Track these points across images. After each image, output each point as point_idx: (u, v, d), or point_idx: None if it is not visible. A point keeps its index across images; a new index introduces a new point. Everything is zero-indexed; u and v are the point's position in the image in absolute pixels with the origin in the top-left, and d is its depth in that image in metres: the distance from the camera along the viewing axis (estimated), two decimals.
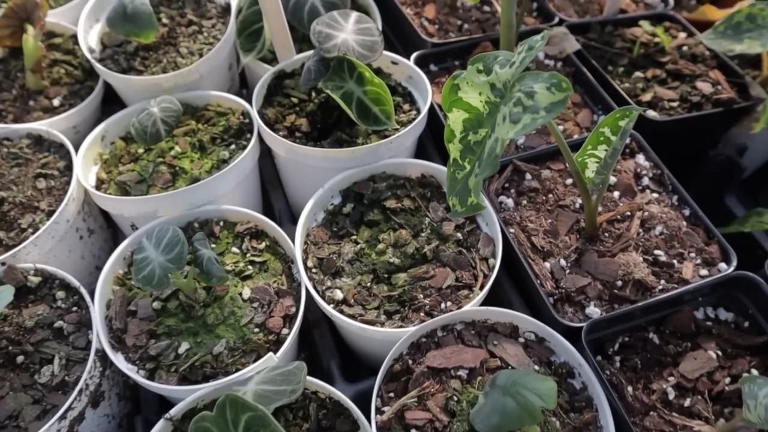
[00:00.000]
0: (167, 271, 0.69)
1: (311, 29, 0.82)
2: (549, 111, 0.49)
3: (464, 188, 0.63)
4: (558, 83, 0.49)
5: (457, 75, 0.61)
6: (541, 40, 0.53)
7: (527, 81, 0.52)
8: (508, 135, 0.51)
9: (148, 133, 0.82)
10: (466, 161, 0.64)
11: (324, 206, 0.84)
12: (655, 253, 0.78)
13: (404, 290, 0.76)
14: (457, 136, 0.64)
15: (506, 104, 0.54)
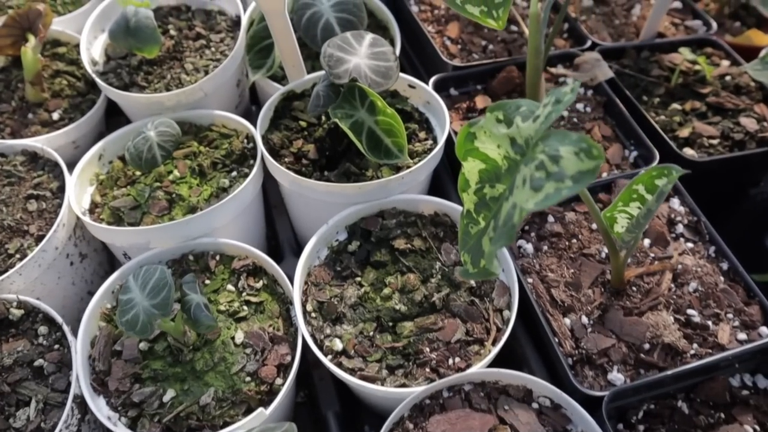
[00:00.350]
0: (152, 317, 0.63)
1: (322, 52, 0.76)
2: (576, 181, 0.42)
3: (477, 247, 0.56)
4: (588, 149, 0.42)
5: (474, 123, 0.54)
6: (570, 93, 0.47)
7: (552, 141, 0.45)
8: (527, 204, 0.45)
9: (144, 159, 0.77)
10: (480, 216, 0.57)
11: (328, 243, 0.78)
12: (687, 313, 0.71)
13: (409, 342, 0.70)
14: (472, 186, 0.58)
15: (527, 164, 0.47)
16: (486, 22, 0.74)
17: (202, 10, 1.01)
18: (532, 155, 0.47)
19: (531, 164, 0.47)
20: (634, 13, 1.08)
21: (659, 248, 0.77)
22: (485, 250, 0.54)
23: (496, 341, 0.70)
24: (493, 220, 0.54)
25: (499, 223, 0.51)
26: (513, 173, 0.52)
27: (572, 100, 0.47)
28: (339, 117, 0.75)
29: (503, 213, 0.50)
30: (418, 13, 1.06)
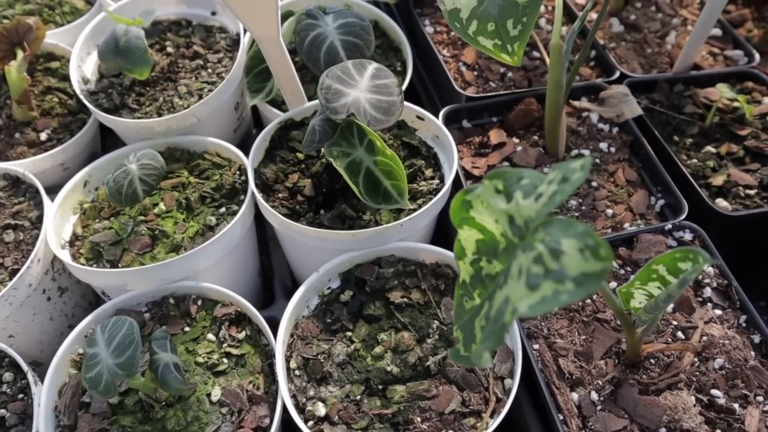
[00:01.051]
0: (115, 377, 0.58)
1: (319, 82, 0.69)
2: (579, 285, 0.35)
3: (470, 327, 0.49)
4: (595, 247, 0.35)
5: (470, 190, 0.47)
6: (579, 171, 0.39)
7: (554, 230, 0.38)
8: (521, 304, 0.38)
9: (123, 194, 0.71)
10: (476, 293, 0.50)
11: (319, 290, 0.72)
12: (711, 393, 0.64)
13: (399, 409, 0.63)
14: (468, 256, 0.51)
15: (525, 251, 0.40)
16: (500, 57, 0.67)
17: (203, 26, 0.95)
18: (531, 242, 0.40)
19: (529, 253, 0.40)
20: (669, 41, 1.00)
21: (683, 315, 0.69)
22: (477, 336, 0.48)
23: (495, 413, 0.63)
24: (488, 302, 0.47)
25: (491, 314, 0.44)
26: (510, 255, 0.45)
27: (582, 180, 0.40)
28: (334, 156, 0.69)
29: (496, 303, 0.44)
30: (433, 34, 0.99)
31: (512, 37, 0.66)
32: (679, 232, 0.75)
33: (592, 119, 0.88)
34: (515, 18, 0.65)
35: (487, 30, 0.67)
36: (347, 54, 0.83)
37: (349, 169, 0.69)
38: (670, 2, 1.06)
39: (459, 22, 0.68)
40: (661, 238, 0.74)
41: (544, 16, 1.02)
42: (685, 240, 0.75)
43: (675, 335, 0.67)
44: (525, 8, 0.65)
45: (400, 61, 0.95)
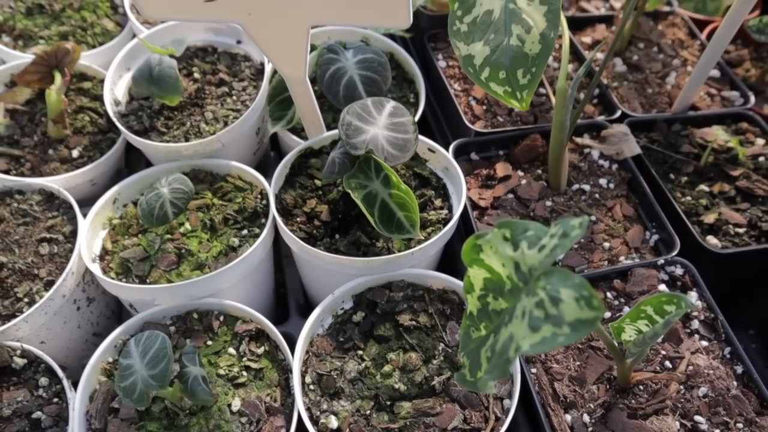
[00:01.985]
0: (149, 388, 0.63)
1: (341, 118, 0.75)
2: (574, 329, 0.41)
3: (476, 356, 0.55)
4: (589, 298, 0.41)
5: (481, 235, 0.53)
6: (578, 229, 0.45)
7: (554, 280, 0.44)
8: (523, 343, 0.43)
9: (155, 216, 0.77)
10: (482, 325, 0.56)
11: (333, 311, 0.78)
12: (695, 420, 0.69)
13: (406, 424, 0.68)
14: (476, 291, 0.56)
15: (528, 296, 0.46)
16: (509, 102, 0.73)
17: (228, 54, 1.00)
18: (533, 288, 0.46)
19: (532, 298, 0.45)
20: (669, 82, 1.05)
21: (671, 345, 0.74)
22: (482, 365, 0.53)
23: (494, 431, 0.68)
24: (494, 335, 0.52)
25: (496, 348, 0.50)
26: (515, 297, 0.50)
27: (580, 236, 0.45)
28: (352, 187, 0.74)
29: (501, 339, 0.49)
30: (445, 68, 1.05)
31: (521, 86, 0.72)
32: (671, 267, 0.80)
33: (593, 156, 0.93)
34: (525, 68, 0.71)
35: (498, 77, 0.72)
36: (365, 88, 0.89)
37: (365, 201, 0.74)
38: (671, 43, 1.12)
39: (472, 68, 0.74)
40: (654, 273, 0.79)
41: (553, 54, 1.08)
42: (677, 275, 0.80)
43: (663, 364, 0.73)
44: (534, 60, 0.70)
45: (414, 92, 1.00)
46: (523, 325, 0.44)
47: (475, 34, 0.71)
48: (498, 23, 0.69)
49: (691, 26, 1.14)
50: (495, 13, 0.70)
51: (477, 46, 0.70)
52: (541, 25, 0.68)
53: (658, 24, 1.14)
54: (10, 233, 0.83)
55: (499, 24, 0.69)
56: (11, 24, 1.08)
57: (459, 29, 0.72)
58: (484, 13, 0.70)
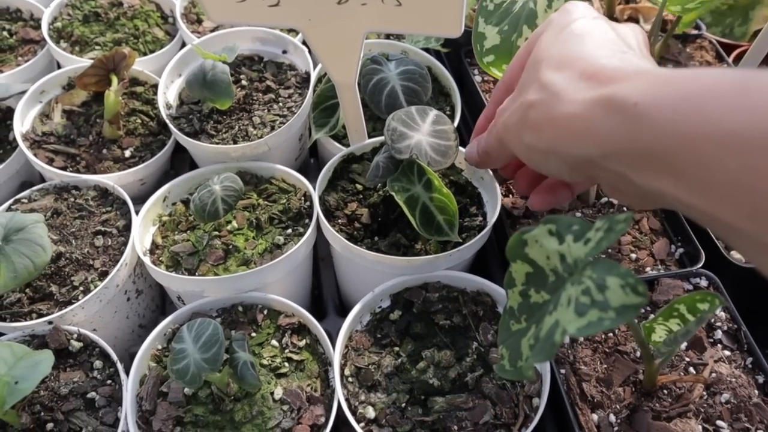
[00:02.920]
0: (201, 371, 0.67)
1: (386, 124, 0.79)
2: (620, 314, 0.44)
3: (516, 346, 0.58)
4: (635, 285, 0.44)
5: (526, 231, 0.57)
6: (623, 223, 0.48)
7: (601, 269, 0.47)
8: (570, 327, 0.47)
9: (207, 212, 0.81)
10: (523, 318, 0.59)
11: (371, 309, 0.82)
12: (717, 424, 0.72)
13: (439, 417, 0.72)
14: (518, 286, 0.60)
15: (574, 285, 0.49)
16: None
17: (274, 63, 1.06)
18: (579, 277, 0.49)
19: (578, 286, 0.49)
20: None
21: (695, 353, 0.78)
22: (523, 353, 0.56)
23: (523, 427, 0.71)
24: (535, 326, 0.56)
25: (540, 334, 0.53)
26: (559, 288, 0.54)
27: (625, 231, 0.49)
28: (396, 190, 0.79)
29: (545, 326, 0.52)
30: (480, 83, 1.09)
31: None
32: (696, 279, 0.84)
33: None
34: None
35: (501, 67, 0.77)
36: (406, 98, 0.93)
37: (408, 203, 0.78)
38: (699, 65, 1.15)
39: (480, 45, 0.81)
40: (680, 283, 0.83)
41: None
42: (701, 286, 0.83)
43: (687, 370, 0.76)
44: None
45: (449, 105, 1.05)
46: (569, 311, 0.48)
47: (495, 18, 0.76)
48: (514, 18, 0.74)
49: (719, 49, 1.17)
50: (517, 5, 0.74)
51: (492, 30, 0.75)
52: None
53: (687, 46, 1.18)
54: (67, 226, 0.88)
55: (515, 18, 0.74)
56: (69, 30, 1.14)
57: (486, 6, 0.76)
58: (510, 2, 0.75)
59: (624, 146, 0.47)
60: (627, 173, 0.49)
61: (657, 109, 0.43)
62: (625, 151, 0.47)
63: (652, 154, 0.45)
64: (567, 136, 0.52)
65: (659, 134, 0.43)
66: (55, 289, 0.83)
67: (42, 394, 0.75)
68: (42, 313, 0.80)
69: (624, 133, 0.46)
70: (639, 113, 0.44)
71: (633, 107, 0.45)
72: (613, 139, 0.48)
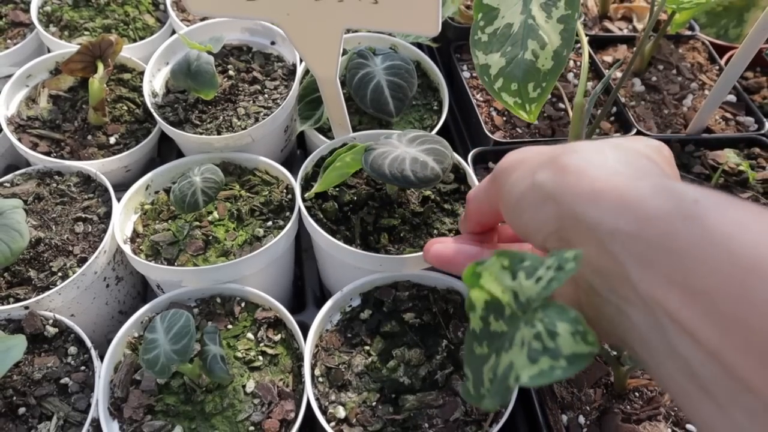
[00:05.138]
0: (171, 362, 0.67)
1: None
2: (571, 363, 0.43)
3: (479, 372, 0.57)
4: (584, 333, 0.43)
5: (480, 263, 0.55)
6: (572, 262, 0.47)
7: (551, 314, 0.46)
8: (523, 374, 0.45)
9: (187, 203, 0.81)
10: (484, 343, 0.58)
11: (341, 308, 0.82)
12: (686, 428, 0.72)
13: (410, 415, 0.72)
14: (477, 311, 0.58)
15: (527, 326, 0.48)
16: (518, 113, 0.76)
17: (262, 53, 1.05)
18: (532, 318, 0.48)
19: (531, 329, 0.47)
20: (686, 104, 1.08)
21: None
22: (485, 383, 0.55)
23: (494, 423, 0.72)
24: (495, 356, 0.54)
25: (498, 371, 0.51)
26: (514, 323, 0.52)
27: (575, 271, 0.47)
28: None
29: (502, 364, 0.51)
30: (469, 79, 1.09)
31: (531, 98, 0.76)
32: None
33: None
34: (536, 82, 0.74)
35: (510, 88, 0.76)
36: (391, 93, 0.93)
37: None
38: (690, 67, 1.15)
39: (488, 76, 0.77)
40: None
41: (573, 71, 1.11)
42: None
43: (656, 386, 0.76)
44: (546, 75, 0.74)
45: (437, 100, 1.04)
46: (522, 355, 0.46)
47: (494, 45, 0.75)
48: (516, 36, 0.73)
49: (711, 51, 1.17)
50: (514, 27, 0.74)
51: (494, 56, 0.74)
52: (556, 42, 0.72)
53: (679, 47, 1.17)
54: (48, 211, 0.89)
55: (516, 37, 0.73)
56: (58, 15, 1.14)
57: (480, 39, 0.75)
58: (505, 26, 0.74)
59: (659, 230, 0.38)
60: (628, 265, 0.40)
61: (717, 216, 0.36)
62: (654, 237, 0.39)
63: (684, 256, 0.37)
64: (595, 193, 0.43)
65: (710, 241, 0.36)
66: (33, 275, 0.83)
67: (15, 378, 0.76)
68: (19, 298, 0.81)
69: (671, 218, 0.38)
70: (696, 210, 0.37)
71: (693, 203, 0.38)
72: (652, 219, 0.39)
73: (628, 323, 0.41)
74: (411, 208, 0.85)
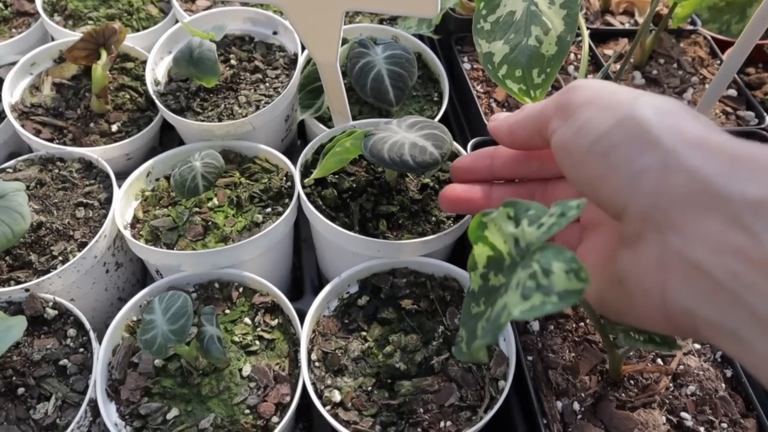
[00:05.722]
0: (168, 342, 0.68)
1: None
2: (562, 298, 0.44)
3: (473, 329, 0.59)
4: (577, 270, 0.44)
5: (487, 213, 0.57)
6: (575, 209, 0.48)
7: (548, 254, 0.47)
8: (515, 310, 0.47)
9: (187, 188, 0.82)
10: (482, 301, 0.59)
11: (339, 294, 0.82)
12: (681, 416, 0.72)
13: (405, 401, 0.72)
14: (479, 269, 0.60)
15: (524, 269, 0.49)
16: (523, 100, 0.77)
17: (264, 43, 1.06)
18: (529, 261, 0.50)
19: (526, 270, 0.49)
20: (686, 98, 1.08)
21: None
22: (478, 336, 0.57)
23: (488, 409, 0.72)
24: (490, 308, 0.56)
25: (491, 316, 0.53)
26: (512, 271, 0.54)
27: (576, 217, 0.49)
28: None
29: (496, 309, 0.53)
30: (469, 71, 1.09)
31: (536, 84, 0.76)
32: None
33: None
34: (540, 68, 0.75)
35: (514, 75, 0.76)
36: (391, 82, 0.93)
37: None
38: (691, 61, 1.15)
39: (491, 64, 0.78)
40: None
41: (573, 64, 1.12)
42: None
43: (655, 361, 0.76)
44: (550, 60, 0.74)
45: (438, 92, 1.05)
46: (516, 295, 0.48)
47: (497, 33, 0.75)
48: (519, 23, 0.74)
49: (713, 46, 1.17)
50: (517, 14, 0.74)
51: (498, 44, 0.75)
52: (559, 27, 0.72)
53: (681, 41, 1.17)
54: (50, 196, 0.89)
55: (520, 24, 0.74)
56: (63, 4, 1.15)
57: (482, 27, 0.76)
58: (507, 14, 0.75)
59: None
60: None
61: None
62: None
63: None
64: (735, 159, 0.36)
65: None
66: (34, 258, 0.83)
67: (15, 359, 0.76)
68: (20, 281, 0.81)
69: None
70: None
71: None
72: None
73: (747, 316, 0.34)
74: (410, 195, 0.85)
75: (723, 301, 0.35)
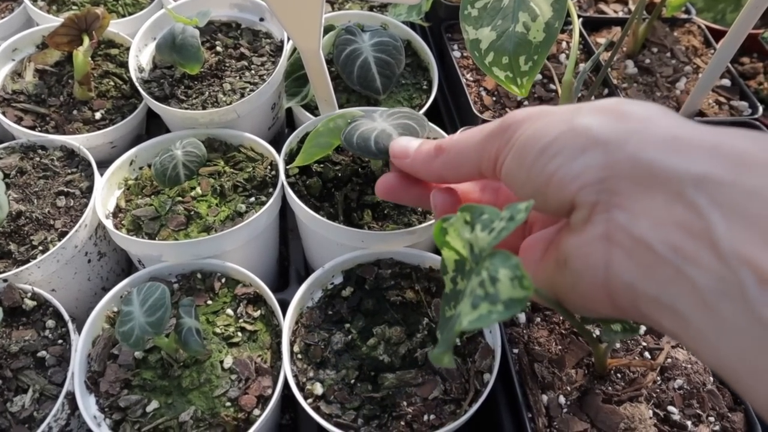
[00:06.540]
0: (145, 334, 0.67)
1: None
2: (507, 307, 0.42)
3: (448, 332, 0.57)
4: (521, 278, 0.42)
5: (447, 218, 0.55)
6: (523, 212, 0.46)
7: (496, 261, 0.45)
8: (464, 320, 0.45)
9: (167, 176, 0.80)
10: (452, 304, 0.58)
11: (323, 285, 0.81)
12: (668, 410, 0.71)
13: (388, 394, 0.71)
14: (449, 273, 0.58)
15: (476, 275, 0.48)
16: (509, 87, 0.75)
17: (251, 30, 1.04)
18: (480, 268, 0.48)
19: (477, 278, 0.47)
20: (679, 87, 1.07)
21: (653, 337, 0.77)
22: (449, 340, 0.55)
23: (473, 402, 0.71)
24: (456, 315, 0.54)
25: (453, 324, 0.52)
26: (470, 277, 0.52)
27: (523, 220, 0.47)
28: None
29: (455, 317, 0.51)
30: (459, 59, 1.07)
31: (522, 72, 0.74)
32: None
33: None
34: (527, 55, 0.73)
35: (501, 62, 0.75)
36: (378, 70, 0.92)
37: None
38: (685, 50, 1.13)
39: (478, 51, 0.76)
40: None
41: (565, 52, 1.10)
42: None
43: (642, 354, 0.75)
44: (537, 47, 0.73)
45: (427, 80, 1.03)
46: (467, 304, 0.46)
47: (484, 19, 0.73)
48: (507, 9, 0.72)
49: (707, 35, 1.15)
50: (505, 1, 0.73)
51: (485, 30, 0.73)
52: (547, 14, 0.71)
53: (674, 30, 1.16)
54: (30, 185, 0.88)
55: (507, 10, 0.72)
56: None
57: (470, 13, 0.74)
58: (495, 1, 0.73)
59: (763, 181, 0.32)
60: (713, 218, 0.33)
61: None
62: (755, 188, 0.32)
63: None
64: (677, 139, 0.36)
65: None
66: (13, 248, 0.82)
67: None
68: None
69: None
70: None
71: None
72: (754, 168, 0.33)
73: (685, 289, 0.34)
74: None
75: (663, 274, 0.35)
